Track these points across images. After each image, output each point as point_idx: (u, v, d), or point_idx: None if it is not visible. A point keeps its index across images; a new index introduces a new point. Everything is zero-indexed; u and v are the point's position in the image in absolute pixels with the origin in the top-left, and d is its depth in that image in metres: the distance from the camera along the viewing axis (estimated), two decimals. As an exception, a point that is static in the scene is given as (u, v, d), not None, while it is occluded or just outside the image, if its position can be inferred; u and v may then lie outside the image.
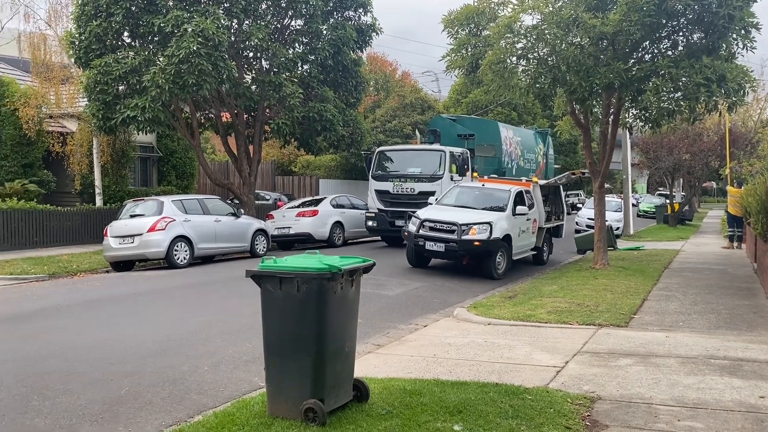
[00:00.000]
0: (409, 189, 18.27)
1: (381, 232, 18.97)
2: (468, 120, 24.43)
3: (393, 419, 4.78)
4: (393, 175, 18.65)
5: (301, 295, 4.77)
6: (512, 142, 23.38)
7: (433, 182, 17.98)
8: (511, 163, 23.12)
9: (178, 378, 6.24)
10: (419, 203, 16.79)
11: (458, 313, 9.64)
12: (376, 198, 18.63)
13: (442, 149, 18.68)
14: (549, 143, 27.44)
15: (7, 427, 4.93)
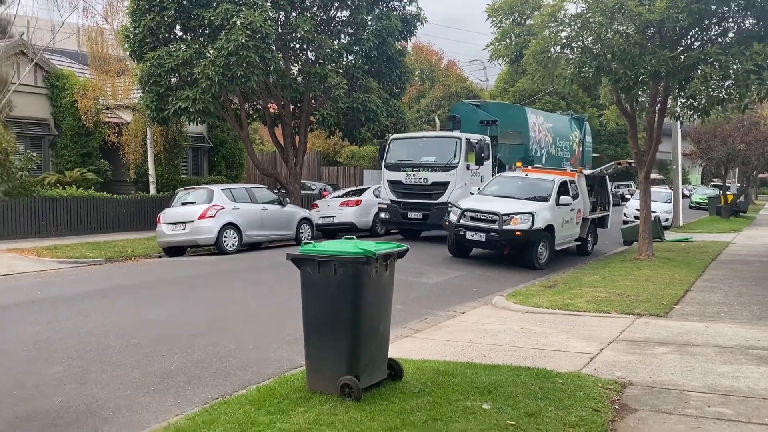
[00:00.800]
0: (421, 179, 17.09)
1: (394, 225, 18.21)
2: (492, 105, 22.89)
3: (425, 397, 4.99)
4: (406, 165, 17.45)
5: (338, 277, 5.01)
6: (541, 129, 21.72)
7: (447, 172, 16.77)
8: (539, 151, 21.46)
9: (224, 355, 6.59)
10: (432, 194, 16.49)
11: (496, 301, 9.75)
12: (389, 189, 17.69)
13: (458, 136, 17.35)
14: (586, 130, 25.62)
15: (69, 395, 5.34)
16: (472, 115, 20.27)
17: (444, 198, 16.51)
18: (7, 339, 7.03)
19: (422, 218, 16.88)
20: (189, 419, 4.65)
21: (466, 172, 16.83)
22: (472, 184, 16.83)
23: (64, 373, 5.89)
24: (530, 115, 21.48)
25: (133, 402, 5.26)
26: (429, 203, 16.72)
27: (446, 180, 16.68)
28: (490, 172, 17.79)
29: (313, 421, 4.49)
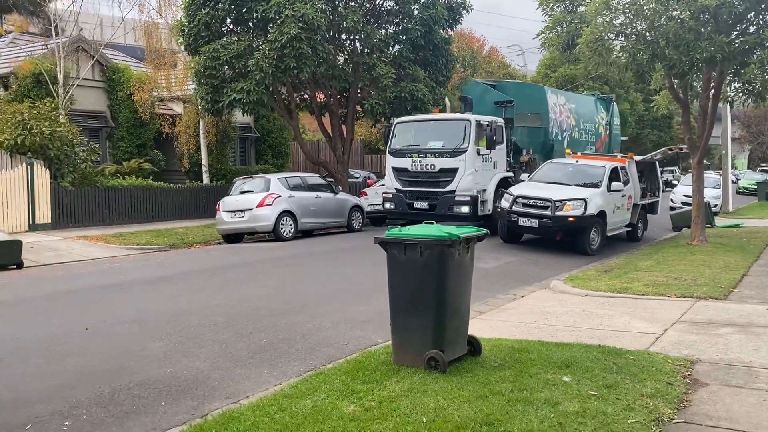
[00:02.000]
0: (428, 166, 15.82)
1: (399, 216, 16.61)
2: (509, 85, 21.07)
3: (505, 370, 5.35)
4: (412, 150, 16.18)
5: (424, 259, 5.38)
6: (563, 110, 19.73)
7: (455, 157, 15.52)
8: (561, 134, 19.57)
9: (306, 333, 7.05)
10: (440, 182, 15.52)
11: (555, 285, 10.03)
12: (394, 176, 16.42)
13: (467, 118, 15.92)
14: (614, 111, 23.56)
15: (177, 366, 5.85)
16: (486, 96, 18.72)
17: (452, 186, 15.51)
18: (107, 317, 7.61)
19: (429, 208, 15.65)
20: (293, 387, 5.10)
21: (476, 157, 15.59)
22: (483, 170, 15.82)
23: (166, 348, 6.42)
24: (550, 95, 19.50)
25: (233, 373, 5.74)
26: (436, 192, 15.70)
27: (455, 166, 15.52)
28: (504, 157, 16.76)
29: (408, 389, 4.90)
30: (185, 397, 5.15)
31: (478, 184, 15.60)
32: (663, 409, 4.54)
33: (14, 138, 16.48)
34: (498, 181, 16.20)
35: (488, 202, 15.85)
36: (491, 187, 16.00)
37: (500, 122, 16.70)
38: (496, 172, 16.35)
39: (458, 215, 15.03)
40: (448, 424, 4.19)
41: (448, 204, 15.27)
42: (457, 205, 15.27)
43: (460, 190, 15.43)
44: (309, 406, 4.63)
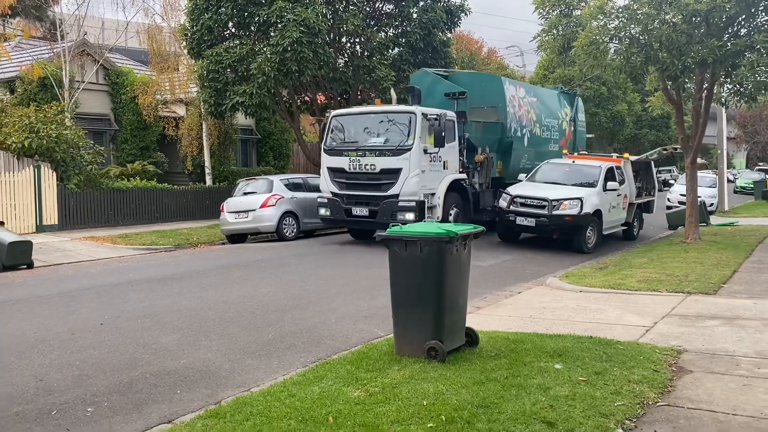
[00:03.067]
0: (368, 166, 13.83)
1: (336, 223, 15.08)
2: (462, 75, 18.79)
3: (501, 359, 5.67)
4: (349, 148, 14.23)
5: (423, 255, 5.70)
6: (523, 104, 17.56)
7: (398, 156, 13.55)
8: (521, 131, 17.34)
9: (311, 327, 7.36)
10: (382, 185, 13.66)
11: (550, 282, 10.34)
12: (329, 178, 14.43)
13: (411, 110, 13.88)
14: (579, 106, 21.21)
15: (190, 358, 6.17)
16: (437, 87, 16.68)
17: (395, 189, 13.58)
18: (120, 313, 7.93)
19: (369, 215, 13.82)
20: (301, 375, 5.42)
21: (423, 156, 13.64)
22: (431, 171, 13.93)
23: (179, 341, 6.73)
24: (508, 87, 17.23)
25: (243, 364, 6.06)
26: (377, 196, 13.72)
27: (398, 166, 13.55)
28: (456, 156, 14.86)
29: (409, 376, 5.21)
30: (199, 386, 5.46)
31: (425, 187, 13.69)
32: (648, 394, 4.86)
33: (22, 141, 16.81)
34: (449, 183, 14.31)
35: (437, 208, 13.99)
36: (441, 191, 14.04)
37: (451, 116, 14.69)
38: (447, 173, 14.40)
39: (401, 223, 12.41)
40: (446, 407, 4.50)
41: (391, 210, 13.42)
42: (401, 212, 13.30)
43: (404, 195, 13.45)
44: (317, 392, 4.95)
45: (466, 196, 15.06)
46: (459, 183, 14.80)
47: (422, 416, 4.38)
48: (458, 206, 14.67)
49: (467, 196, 15.07)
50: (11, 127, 17.22)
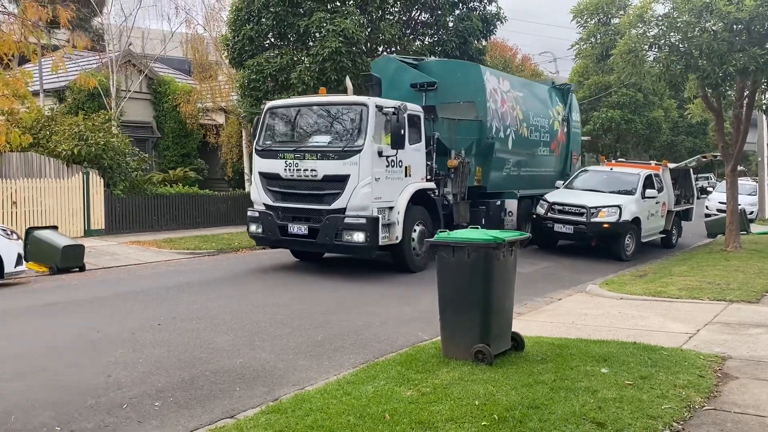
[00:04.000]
0: (308, 172, 11.01)
1: (268, 243, 12.14)
2: (434, 64, 15.64)
3: (547, 363, 5.82)
4: (286, 149, 11.44)
5: (471, 261, 5.90)
6: (507, 99, 14.89)
7: (345, 159, 10.76)
8: (504, 131, 14.63)
9: (357, 330, 7.61)
10: (325, 195, 10.92)
11: (590, 289, 10.42)
12: (262, 186, 11.68)
13: (362, 102, 11.11)
14: (573, 104, 18.31)
15: (245, 358, 6.46)
16: (402, 76, 14.11)
17: (341, 202, 10.78)
18: (175, 314, 8.27)
19: (308, 234, 11.04)
20: (353, 375, 5.66)
21: (377, 160, 10.85)
22: (389, 179, 11.11)
23: (234, 341, 7.04)
24: (489, 78, 14.38)
25: (296, 364, 6.32)
26: (319, 210, 10.94)
27: (344, 173, 10.77)
28: (422, 160, 12.06)
29: (458, 378, 5.41)
30: (257, 384, 5.74)
31: (379, 200, 10.89)
32: (694, 398, 4.97)
33: (71, 148, 17.44)
34: (412, 194, 11.48)
35: (396, 226, 11.10)
36: (401, 204, 11.24)
37: (415, 110, 11.94)
38: (410, 181, 11.60)
39: (348, 245, 10.76)
40: (498, 407, 4.69)
41: (334, 228, 10.74)
42: (347, 231, 10.67)
43: (352, 209, 10.69)
44: (370, 390, 5.17)
45: (434, 209, 12.21)
46: (426, 194, 12.02)
47: (475, 415, 4.57)
48: (425, 222, 11.91)
49: (436, 210, 12.23)
50: (61, 135, 17.88)
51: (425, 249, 11.62)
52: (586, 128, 34.44)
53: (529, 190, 15.57)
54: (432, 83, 13.59)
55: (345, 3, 19.60)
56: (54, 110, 20.43)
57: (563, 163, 17.66)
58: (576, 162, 18.17)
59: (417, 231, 11.72)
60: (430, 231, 11.68)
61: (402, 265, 11.59)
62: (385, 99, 11.80)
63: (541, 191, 15.64)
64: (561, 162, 17.60)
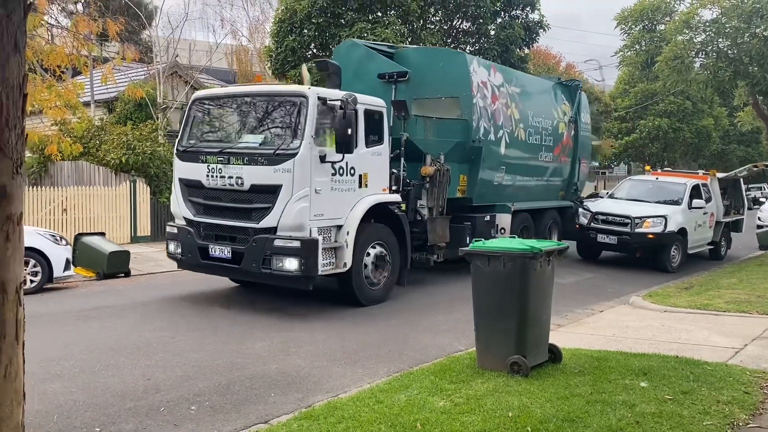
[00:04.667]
0: (234, 180, 8.85)
1: (188, 267, 9.90)
2: (413, 53, 12.99)
3: (585, 376, 5.70)
4: (209, 150, 9.24)
5: (507, 270, 5.83)
6: (499, 95, 12.59)
7: (277, 165, 8.55)
8: (495, 132, 12.35)
9: (392, 339, 7.61)
10: (252, 210, 8.77)
11: (633, 301, 10.18)
12: (182, 196, 9.53)
13: (301, 93, 8.83)
14: (582, 103, 15.78)
15: (280, 364, 6.52)
16: (368, 65, 11.77)
17: (272, 219, 8.58)
18: (215, 320, 8.41)
19: (232, 258, 8.89)
20: (387, 384, 5.65)
21: (319, 166, 8.67)
22: (336, 190, 8.93)
23: (269, 347, 7.11)
24: (476, 70, 12.01)
25: (330, 371, 6.34)
26: (246, 228, 8.82)
27: (275, 182, 8.58)
28: (383, 166, 9.83)
29: (492, 389, 5.34)
30: (291, 390, 5.78)
31: (321, 217, 8.70)
32: (738, 415, 4.79)
33: (119, 157, 17.97)
34: (367, 209, 9.28)
35: (345, 250, 8.91)
36: (352, 222, 9.06)
37: (374, 105, 9.70)
38: (366, 193, 9.40)
39: (279, 274, 8.54)
40: (532, 419, 4.61)
41: (262, 252, 8.55)
42: (277, 256, 8.48)
43: (284, 228, 8.53)
44: (403, 399, 5.15)
45: (399, 227, 9.96)
46: (387, 208, 9.84)
47: (508, 427, 4.50)
48: (385, 243, 9.71)
49: (401, 229, 10.00)
50: (110, 144, 18.45)
51: (387, 277, 9.69)
52: (631, 137, 33.86)
53: (526, 202, 13.43)
54: (403, 73, 11.28)
55: (386, 13, 19.73)
56: (104, 120, 21.09)
57: (570, 171, 15.23)
58: (585, 170, 16.19)
59: (371, 254, 9.42)
60: (394, 253, 9.78)
61: (350, 296, 9.29)
62: (334, 90, 9.40)
63: (542, 204, 14.06)
64: (567, 170, 15.14)
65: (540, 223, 13.71)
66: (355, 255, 9.07)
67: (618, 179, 28.83)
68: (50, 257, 10.47)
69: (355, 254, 9.07)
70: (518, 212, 12.94)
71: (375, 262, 9.50)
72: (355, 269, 9.17)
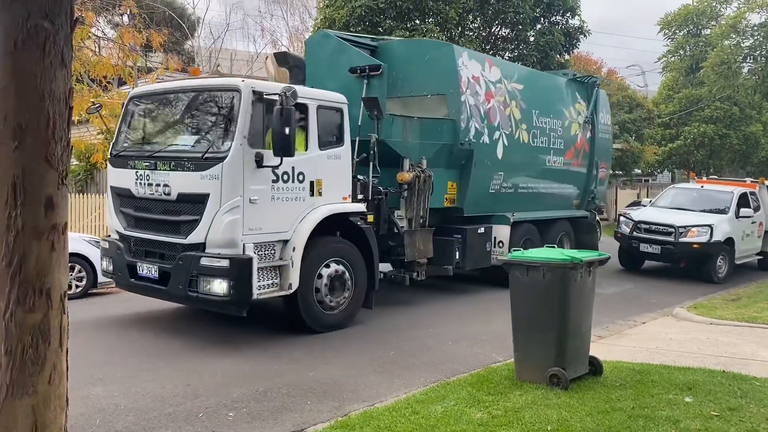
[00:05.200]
0: (161, 188, 7.77)
1: (119, 285, 8.87)
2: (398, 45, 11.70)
3: (626, 390, 5.57)
4: (139, 154, 8.28)
5: (546, 281, 5.74)
6: (495, 92, 11.24)
7: (204, 171, 7.39)
8: (489, 134, 11.00)
9: (429, 348, 7.55)
10: (181, 222, 7.59)
11: (678, 313, 9.91)
12: (114, 207, 8.53)
13: (233, 87, 7.61)
14: (600, 102, 14.20)
15: (316, 372, 6.53)
16: (340, 58, 10.26)
17: (199, 234, 7.43)
18: (252, 328, 8.49)
19: (159, 279, 7.81)
20: (423, 394, 5.61)
21: (255, 172, 7.43)
22: (279, 199, 7.64)
23: (306, 355, 7.15)
24: (466, 63, 10.68)
25: (366, 380, 6.33)
26: (174, 244, 7.69)
27: (203, 191, 7.42)
28: (344, 172, 8.53)
29: (531, 402, 5.26)
30: (327, 399, 5.78)
31: (257, 231, 7.50)
32: (789, 434, 4.61)
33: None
34: (320, 221, 8.01)
35: (290, 269, 7.67)
36: (299, 237, 7.78)
37: (331, 100, 8.37)
38: (320, 202, 8.11)
39: (206, 298, 7.39)
40: (571, 433, 4.52)
41: (187, 273, 7.42)
42: (204, 277, 7.34)
43: (212, 244, 7.38)
44: (439, 411, 5.11)
45: (363, 242, 8.66)
46: (348, 220, 8.56)
47: (546, 441, 4.42)
48: (345, 261, 8.36)
49: (366, 243, 8.66)
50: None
51: (348, 299, 8.41)
52: (675, 143, 33.06)
53: (531, 212, 11.98)
54: (375, 67, 9.74)
55: (424, 21, 19.74)
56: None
57: (586, 177, 13.68)
58: (605, 176, 14.59)
59: (325, 274, 8.11)
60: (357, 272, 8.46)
61: (298, 321, 8.04)
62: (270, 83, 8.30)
63: (550, 214, 12.63)
64: (582, 175, 13.61)
65: (547, 236, 12.05)
66: (303, 275, 7.76)
67: (661, 187, 28.19)
68: (95, 263, 10.73)
69: (303, 274, 7.76)
70: (519, 223, 11.57)
71: (331, 283, 8.14)
72: (303, 291, 7.82)
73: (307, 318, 8.03)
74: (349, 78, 9.87)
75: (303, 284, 7.83)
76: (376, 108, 8.98)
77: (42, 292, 2.70)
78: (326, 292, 8.17)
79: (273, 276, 7.65)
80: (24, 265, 2.66)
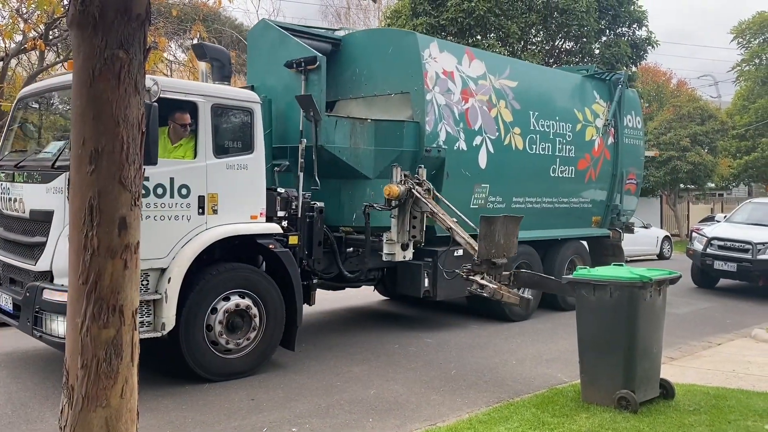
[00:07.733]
0: (16, 204, 6.61)
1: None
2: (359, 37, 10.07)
3: (700, 415, 5.32)
4: (6, 164, 7.08)
5: (613, 300, 5.57)
6: (475, 91, 9.38)
7: (49, 183, 6.06)
8: (467, 139, 9.20)
9: (492, 368, 7.43)
10: (35, 245, 6.28)
11: (756, 334, 9.42)
12: None
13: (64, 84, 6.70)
14: (625, 102, 11.81)
15: (378, 388, 6.54)
16: (278, 52, 8.82)
17: (46, 260, 6.12)
18: (315, 342, 8.59)
19: (12, 311, 6.54)
20: (486, 414, 5.52)
21: None
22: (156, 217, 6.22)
23: (368, 371, 7.16)
24: (435, 55, 8.97)
25: (429, 399, 6.28)
26: (26, 271, 6.46)
27: (47, 207, 6.17)
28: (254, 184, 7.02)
29: (598, 425, 5.09)
30: (389, 416, 5.77)
31: None
32: None
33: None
34: (208, 245, 6.54)
35: (164, 304, 6.22)
36: (177, 268, 6.32)
37: (234, 97, 7.01)
38: (213, 222, 6.63)
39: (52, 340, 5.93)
40: (641, 460, 4.34)
41: (32, 307, 6.08)
42: (48, 313, 5.92)
43: (59, 273, 5.98)
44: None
45: (282, 270, 7.20)
46: (256, 243, 7.07)
47: (614, 467, 4.27)
48: (253, 293, 6.89)
49: (285, 271, 7.20)
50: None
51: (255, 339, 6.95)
52: (752, 156, 31.56)
53: (528, 231, 9.35)
54: (312, 59, 8.26)
55: (486, 36, 19.69)
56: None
57: (609, 190, 11.57)
58: (634, 189, 12.19)
59: (221, 309, 6.63)
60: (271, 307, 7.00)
61: (181, 365, 6.62)
62: None
63: (554, 233, 10.75)
64: (602, 187, 11.53)
65: (552, 259, 10.66)
66: (189, 310, 6.41)
67: (737, 201, 26.96)
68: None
69: (190, 309, 6.41)
70: None
71: (228, 320, 6.67)
72: (186, 331, 6.39)
73: (192, 361, 6.51)
74: (282, 71, 8.54)
75: (186, 323, 6.40)
76: (311, 108, 7.60)
77: (115, 308, 2.82)
78: (221, 330, 6.62)
79: (144, 313, 6.13)
80: (99, 282, 2.79)
